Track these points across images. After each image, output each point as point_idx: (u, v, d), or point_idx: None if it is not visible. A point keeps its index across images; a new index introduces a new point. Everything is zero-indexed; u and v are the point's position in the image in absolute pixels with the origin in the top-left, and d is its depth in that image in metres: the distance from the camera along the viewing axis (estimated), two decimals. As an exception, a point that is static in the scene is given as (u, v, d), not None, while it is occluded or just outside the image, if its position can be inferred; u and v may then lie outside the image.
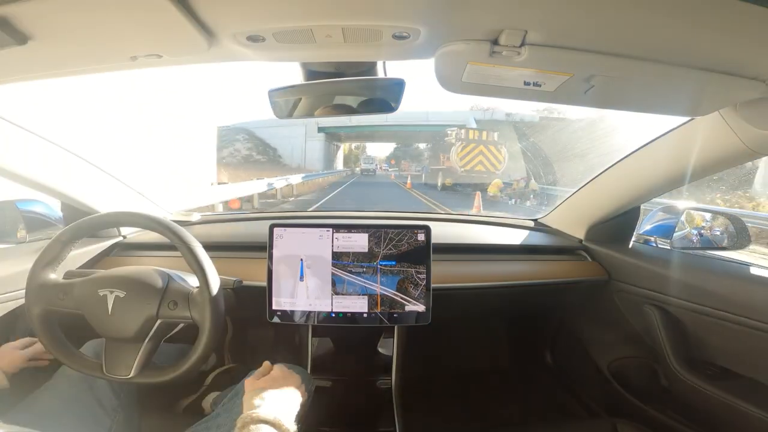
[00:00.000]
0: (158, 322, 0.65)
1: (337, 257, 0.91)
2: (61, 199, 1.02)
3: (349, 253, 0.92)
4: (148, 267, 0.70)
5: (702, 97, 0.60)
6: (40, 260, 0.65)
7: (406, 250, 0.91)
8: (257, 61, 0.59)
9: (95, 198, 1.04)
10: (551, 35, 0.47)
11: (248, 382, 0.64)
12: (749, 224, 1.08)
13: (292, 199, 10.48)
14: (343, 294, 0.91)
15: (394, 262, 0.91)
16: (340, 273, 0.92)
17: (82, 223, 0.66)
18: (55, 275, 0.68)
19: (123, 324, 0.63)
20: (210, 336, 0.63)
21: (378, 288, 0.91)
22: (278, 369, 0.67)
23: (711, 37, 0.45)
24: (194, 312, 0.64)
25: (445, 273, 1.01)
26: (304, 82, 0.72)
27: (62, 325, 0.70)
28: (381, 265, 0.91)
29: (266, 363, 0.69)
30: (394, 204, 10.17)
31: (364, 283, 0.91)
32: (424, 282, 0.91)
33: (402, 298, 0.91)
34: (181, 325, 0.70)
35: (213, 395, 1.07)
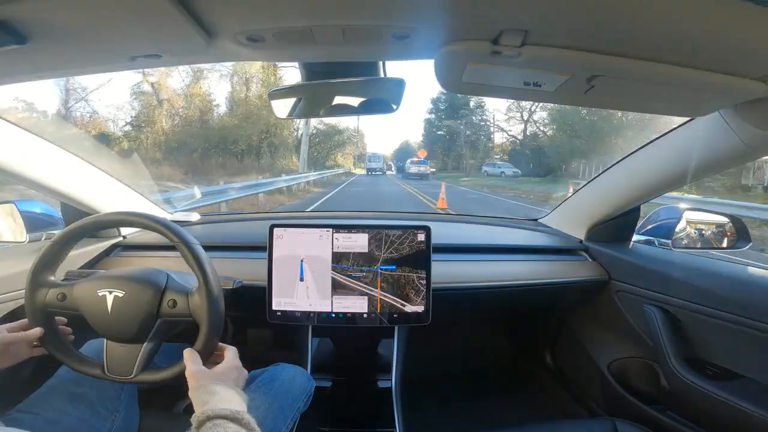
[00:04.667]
0: (158, 321, 0.65)
1: (337, 258, 0.91)
2: (61, 199, 1.02)
3: (350, 254, 0.91)
4: (148, 267, 0.70)
5: (702, 97, 0.60)
6: (40, 261, 0.65)
7: (407, 254, 0.91)
8: (257, 60, 0.59)
9: (95, 198, 1.04)
10: (551, 35, 0.47)
11: (191, 373, 0.58)
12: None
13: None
14: (343, 294, 0.91)
15: (394, 266, 0.91)
16: (340, 278, 0.91)
17: (81, 224, 0.66)
18: (54, 276, 0.68)
19: (123, 324, 0.63)
20: (210, 335, 0.63)
21: (378, 293, 0.91)
22: (226, 361, 0.63)
23: (711, 37, 0.45)
24: (194, 311, 0.64)
25: (445, 273, 1.01)
26: (304, 83, 0.72)
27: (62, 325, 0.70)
28: (381, 269, 0.91)
29: (221, 345, 0.65)
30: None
31: (365, 288, 0.91)
32: (425, 286, 0.91)
33: (402, 303, 0.91)
34: (182, 325, 0.70)
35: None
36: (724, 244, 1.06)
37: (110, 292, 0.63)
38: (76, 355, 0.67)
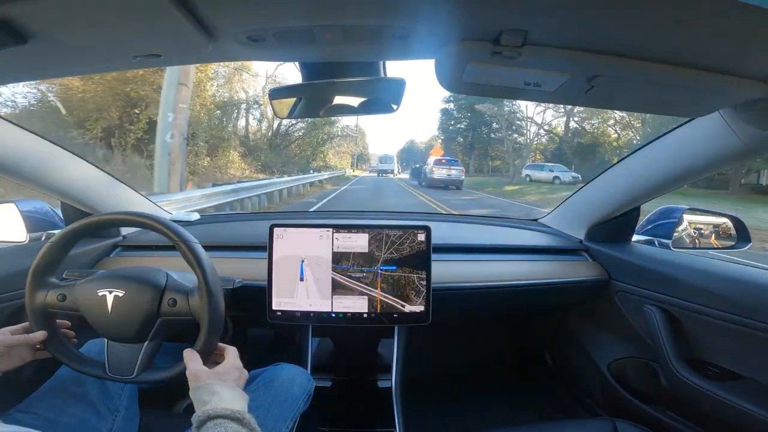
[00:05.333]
0: (158, 320, 0.65)
1: (338, 258, 0.91)
2: (61, 199, 1.02)
3: (350, 254, 0.91)
4: (147, 266, 0.70)
5: (702, 97, 0.60)
6: (40, 262, 0.65)
7: (407, 254, 0.91)
8: (257, 60, 0.60)
9: (95, 198, 1.04)
10: (551, 35, 0.47)
11: (191, 373, 0.58)
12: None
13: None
14: (343, 294, 0.91)
15: (394, 267, 0.91)
16: (340, 278, 0.91)
17: (81, 224, 0.66)
18: (54, 276, 0.68)
19: (123, 323, 0.63)
20: (210, 334, 0.63)
21: (378, 294, 0.91)
22: (227, 361, 0.63)
23: (711, 37, 0.45)
24: (194, 310, 0.64)
25: (445, 273, 1.01)
26: (304, 83, 0.72)
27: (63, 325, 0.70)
28: (382, 270, 0.91)
29: (221, 346, 0.65)
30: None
31: (365, 288, 0.91)
32: (425, 286, 0.91)
33: (402, 304, 0.91)
34: (182, 324, 0.70)
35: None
36: (724, 244, 1.06)
37: (110, 292, 0.63)
38: (77, 356, 0.67)
